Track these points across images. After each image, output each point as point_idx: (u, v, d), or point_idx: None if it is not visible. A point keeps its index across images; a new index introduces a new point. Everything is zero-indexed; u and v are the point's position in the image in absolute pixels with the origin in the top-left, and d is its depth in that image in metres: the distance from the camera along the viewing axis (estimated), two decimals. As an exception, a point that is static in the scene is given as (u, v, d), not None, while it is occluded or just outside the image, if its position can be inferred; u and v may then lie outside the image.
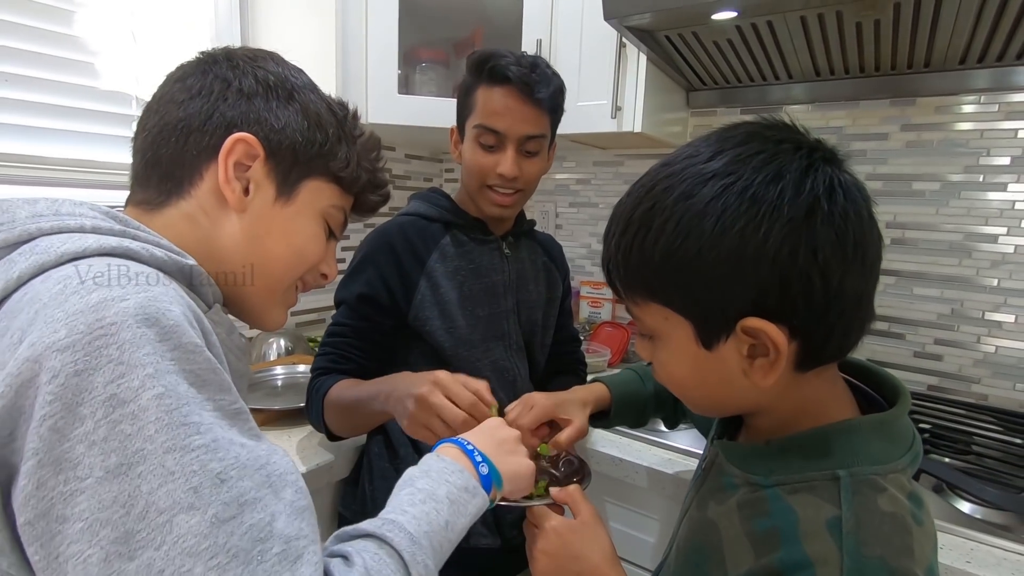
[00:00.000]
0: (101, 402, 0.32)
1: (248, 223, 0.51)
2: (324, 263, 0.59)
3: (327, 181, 0.55)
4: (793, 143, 0.42)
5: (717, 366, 0.44)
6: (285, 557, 0.35)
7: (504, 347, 0.92)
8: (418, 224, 0.91)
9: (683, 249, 0.41)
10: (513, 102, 0.82)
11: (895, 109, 1.21)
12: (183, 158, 0.49)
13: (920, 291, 1.22)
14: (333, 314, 0.90)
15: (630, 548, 0.97)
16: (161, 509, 0.32)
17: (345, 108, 0.58)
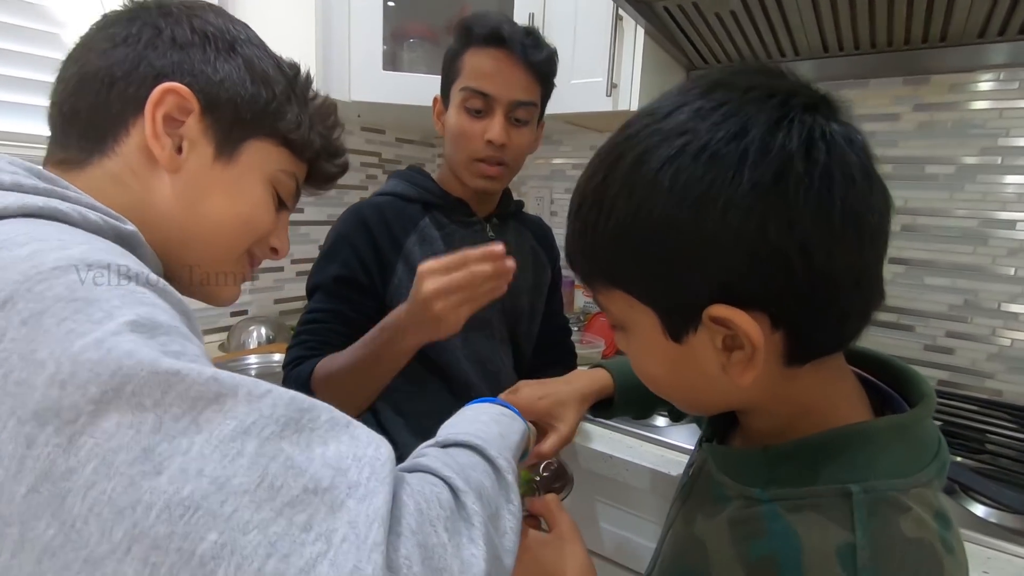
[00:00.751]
0: (57, 340, 0.27)
1: (184, 185, 0.45)
2: (274, 235, 0.53)
3: (275, 143, 0.50)
4: (765, 90, 0.34)
5: (690, 360, 0.37)
6: (335, 423, 0.31)
7: (486, 337, 0.86)
8: (396, 205, 0.85)
9: (636, 227, 0.35)
10: (505, 64, 0.77)
11: (907, 88, 1.15)
12: (106, 111, 0.43)
13: (931, 281, 1.15)
14: (308, 301, 0.83)
15: (623, 551, 0.91)
16: (176, 415, 0.27)
17: (296, 68, 0.53)
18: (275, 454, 0.28)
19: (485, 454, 0.42)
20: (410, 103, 1.27)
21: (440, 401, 0.81)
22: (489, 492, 0.39)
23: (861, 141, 0.34)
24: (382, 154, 1.74)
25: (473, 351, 0.83)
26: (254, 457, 0.27)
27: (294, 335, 0.80)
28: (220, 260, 0.50)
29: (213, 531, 0.26)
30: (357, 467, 0.30)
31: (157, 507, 0.25)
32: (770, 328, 0.34)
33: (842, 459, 0.36)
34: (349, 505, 0.28)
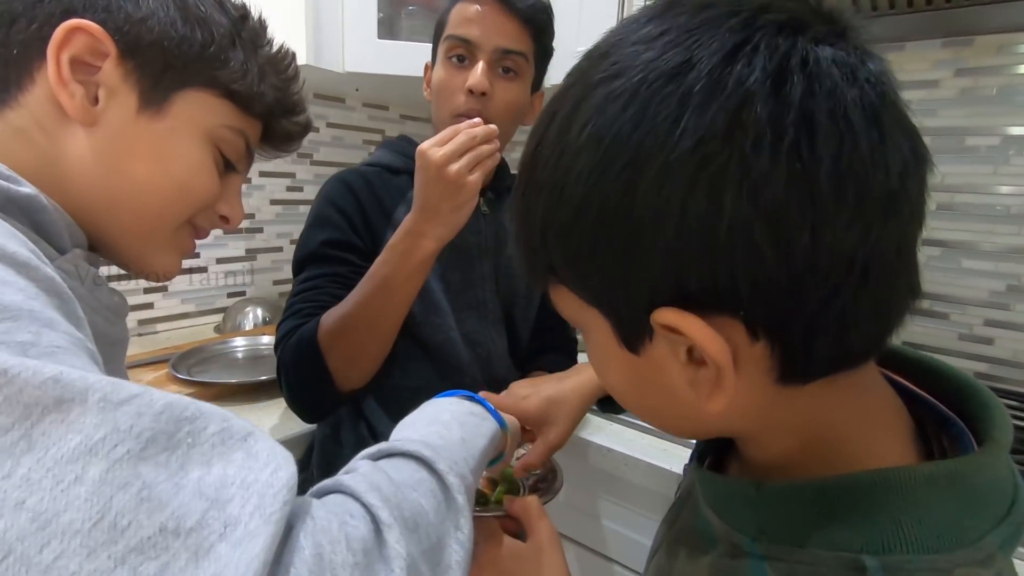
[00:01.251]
0: None
1: (102, 140, 0.40)
2: (223, 201, 0.48)
3: (215, 94, 0.44)
4: (727, 6, 0.25)
5: (652, 375, 0.29)
6: (228, 435, 0.25)
7: (479, 318, 0.80)
8: (383, 176, 0.80)
9: (562, 208, 0.27)
10: (489, 9, 0.72)
11: (948, 51, 1.04)
12: (6, 55, 0.38)
13: (970, 264, 1.05)
14: (295, 280, 0.76)
15: (623, 549, 0.85)
16: (5, 427, 0.22)
17: (245, 9, 0.47)
18: (127, 481, 0.22)
19: (433, 468, 0.35)
20: (409, 74, 1.20)
21: (426, 385, 0.76)
22: (430, 519, 0.32)
23: (874, 72, 0.24)
24: (385, 131, 1.68)
25: (465, 332, 0.78)
26: (97, 485, 0.21)
27: (284, 310, 0.73)
28: (153, 229, 0.44)
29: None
30: (242, 497, 0.23)
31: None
32: (747, 337, 0.25)
33: (859, 516, 0.26)
34: (219, 551, 0.22)
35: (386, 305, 0.65)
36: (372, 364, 0.69)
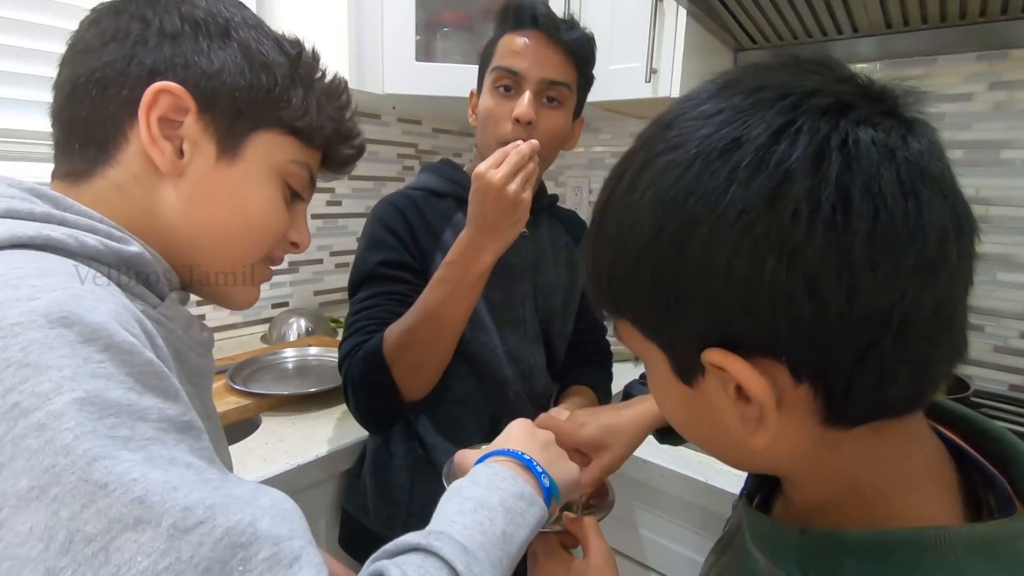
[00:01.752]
0: (1, 415, 0.26)
1: (187, 189, 0.43)
2: (293, 229, 0.51)
3: (281, 133, 0.47)
4: (780, 88, 0.27)
5: (705, 409, 0.32)
6: (277, 561, 0.28)
7: (520, 335, 0.84)
8: (429, 199, 0.84)
9: (624, 256, 0.31)
10: (535, 43, 0.76)
11: (982, 64, 1.04)
12: (102, 117, 0.41)
13: (1005, 277, 1.05)
14: (351, 303, 0.80)
15: (660, 558, 0.89)
16: (89, 536, 0.25)
17: (299, 46, 0.49)
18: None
19: (455, 569, 0.35)
20: (445, 94, 1.25)
21: (471, 399, 0.80)
22: None
23: (914, 151, 0.26)
24: (419, 145, 1.73)
25: (508, 348, 0.82)
26: None
27: (345, 328, 0.77)
28: (235, 265, 0.48)
29: None
30: None
31: None
32: (791, 380, 0.28)
33: (896, 573, 0.28)
34: None
35: (448, 316, 0.69)
36: (435, 374, 0.73)
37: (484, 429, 0.80)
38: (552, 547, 0.50)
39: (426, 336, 0.69)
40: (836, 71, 0.28)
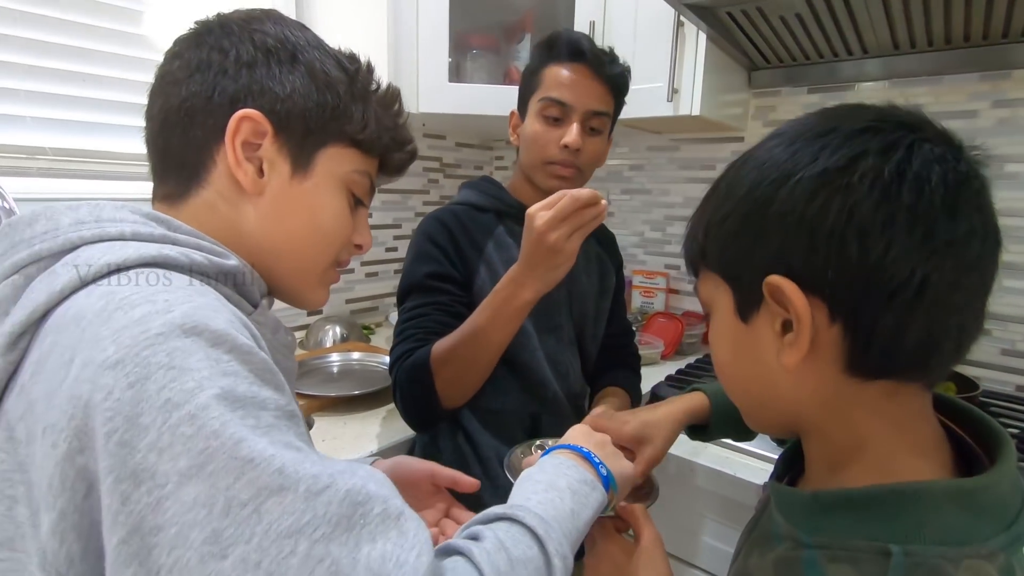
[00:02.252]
0: (158, 409, 0.31)
1: (267, 204, 0.48)
2: (356, 233, 0.55)
3: (345, 146, 0.50)
4: (871, 111, 0.36)
5: (752, 343, 0.39)
6: (387, 515, 0.34)
7: (556, 339, 0.90)
8: (470, 213, 0.90)
9: (726, 206, 0.39)
10: (582, 77, 0.83)
11: (986, 84, 1.11)
12: (192, 144, 0.46)
13: (1012, 283, 1.11)
14: (399, 310, 0.87)
15: (685, 547, 0.94)
16: (243, 501, 0.31)
17: (356, 61, 0.53)
18: (323, 557, 0.31)
19: (544, 547, 0.41)
20: (474, 112, 1.32)
21: (513, 399, 0.86)
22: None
23: (962, 168, 0.33)
24: (443, 158, 1.80)
25: (546, 352, 0.88)
26: (304, 558, 0.31)
27: (396, 335, 0.83)
28: (308, 270, 0.52)
29: None
30: (396, 574, 0.32)
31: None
32: (827, 318, 0.35)
33: (889, 517, 0.34)
34: None
35: (487, 341, 0.75)
36: (473, 388, 0.80)
37: (525, 426, 0.86)
38: (608, 531, 0.56)
39: (467, 355, 0.76)
40: (917, 115, 0.36)
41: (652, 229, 1.62)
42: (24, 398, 0.34)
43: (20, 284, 0.38)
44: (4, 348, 0.35)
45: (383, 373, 1.14)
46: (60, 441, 0.31)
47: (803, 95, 1.33)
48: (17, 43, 1.01)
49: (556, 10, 1.33)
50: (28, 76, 1.02)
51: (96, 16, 1.09)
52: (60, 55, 1.05)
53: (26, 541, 0.33)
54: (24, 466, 0.34)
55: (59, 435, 0.31)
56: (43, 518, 0.32)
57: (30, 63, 1.02)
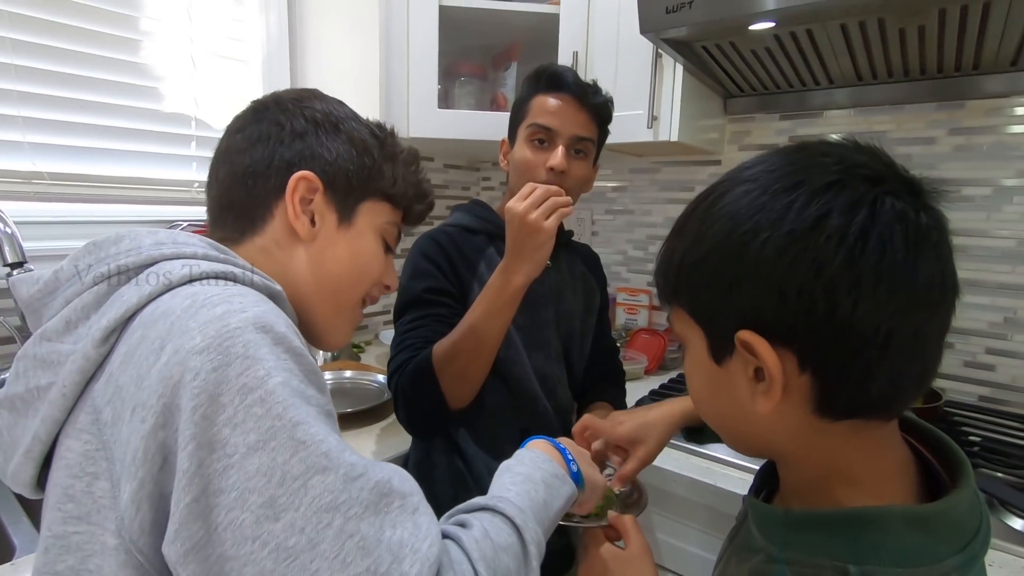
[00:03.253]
0: (236, 390, 0.36)
1: (316, 250, 0.55)
2: (386, 275, 0.63)
3: (379, 200, 0.59)
4: (837, 157, 0.38)
5: (727, 385, 0.41)
6: (405, 509, 0.40)
7: (545, 355, 0.94)
8: (463, 234, 0.94)
9: (697, 251, 0.40)
10: (566, 105, 0.88)
11: (942, 113, 1.18)
12: (254, 200, 0.54)
13: (971, 299, 1.18)
14: (397, 325, 0.90)
15: (675, 558, 0.98)
16: (295, 475, 0.36)
17: (384, 129, 0.62)
18: (353, 532, 0.36)
19: (521, 535, 0.47)
20: (462, 137, 1.37)
21: (505, 413, 0.90)
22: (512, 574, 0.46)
23: (924, 223, 0.35)
24: (431, 180, 1.84)
25: (535, 367, 0.92)
26: (338, 531, 0.36)
27: (394, 347, 0.87)
28: (341, 306, 0.59)
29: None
30: (411, 559, 0.38)
31: (270, 546, 0.35)
32: (797, 368, 0.37)
33: (852, 538, 0.37)
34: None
35: (486, 332, 0.79)
36: (476, 384, 0.83)
37: (515, 440, 0.89)
38: (600, 539, 0.60)
39: (468, 349, 0.80)
40: (881, 156, 0.39)
41: (635, 248, 1.68)
42: (112, 384, 0.40)
43: (103, 292, 0.44)
44: (98, 341, 0.40)
45: (375, 390, 1.17)
46: (148, 416, 0.36)
47: (775, 121, 1.40)
48: (16, 72, 1.03)
49: (541, 40, 1.39)
50: (26, 103, 1.05)
51: (94, 45, 1.12)
52: (58, 83, 1.08)
53: (102, 513, 0.38)
54: (107, 444, 0.38)
55: (148, 411, 0.37)
56: (124, 488, 0.37)
57: (28, 90, 1.05)
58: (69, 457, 0.40)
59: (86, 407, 0.40)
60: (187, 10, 1.24)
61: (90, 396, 0.40)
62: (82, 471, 0.39)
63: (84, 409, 0.40)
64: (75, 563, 0.38)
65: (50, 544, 0.39)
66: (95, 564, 0.38)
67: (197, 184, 1.31)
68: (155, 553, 0.37)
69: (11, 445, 0.44)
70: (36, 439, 0.41)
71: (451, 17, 1.35)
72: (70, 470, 0.39)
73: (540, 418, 0.91)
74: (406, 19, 1.30)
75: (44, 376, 0.42)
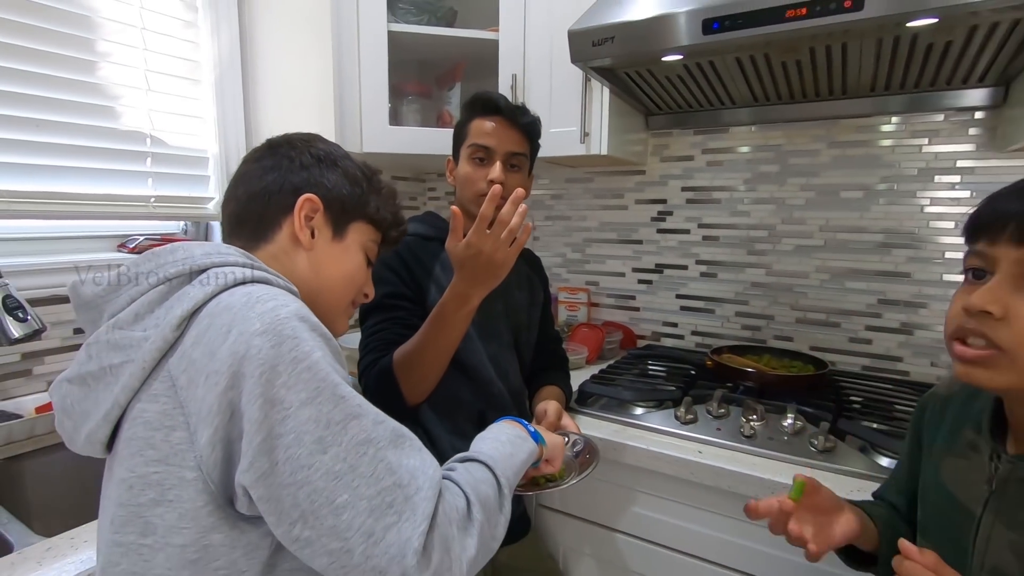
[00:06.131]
0: (289, 362, 0.47)
1: (314, 258, 0.67)
2: (367, 285, 0.75)
3: (365, 223, 0.72)
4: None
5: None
6: (414, 447, 0.54)
7: (498, 344, 1.06)
8: (418, 242, 1.06)
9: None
10: (501, 127, 1.02)
11: (822, 129, 1.41)
12: (268, 215, 0.66)
13: (851, 285, 1.41)
14: (362, 328, 1.01)
15: (624, 519, 1.12)
16: (337, 420, 0.48)
17: (371, 169, 0.75)
18: (383, 458, 0.50)
19: (494, 472, 0.62)
20: (411, 152, 1.48)
21: (463, 396, 1.01)
22: (491, 503, 0.59)
23: None
24: (380, 191, 1.93)
25: (490, 355, 1.04)
26: (372, 458, 0.49)
27: (361, 348, 0.98)
28: (337, 305, 0.71)
29: (345, 493, 0.47)
30: (423, 477, 0.51)
31: (321, 471, 0.47)
32: None
33: None
34: (415, 500, 0.50)
35: (441, 345, 0.90)
36: (431, 385, 0.94)
37: (475, 420, 1.01)
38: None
39: (425, 359, 0.91)
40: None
41: (573, 251, 1.84)
42: (186, 358, 0.50)
43: (165, 291, 0.54)
44: (175, 327, 0.51)
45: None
46: (221, 380, 0.47)
47: (690, 136, 1.60)
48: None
49: (483, 62, 1.53)
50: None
51: (50, 66, 1.15)
52: (13, 103, 1.11)
53: (180, 456, 0.48)
54: (184, 403, 0.49)
55: (220, 376, 0.47)
56: (202, 434, 0.47)
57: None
58: (147, 416, 0.49)
59: (161, 376, 0.50)
60: (141, 32, 1.29)
61: (165, 368, 0.51)
62: (161, 424, 0.49)
63: (159, 379, 0.50)
64: (156, 495, 0.48)
65: (134, 482, 0.49)
66: (175, 494, 0.48)
67: (153, 199, 1.34)
68: (222, 481, 0.48)
69: (83, 415, 0.53)
70: (116, 404, 0.51)
71: (399, 41, 1.46)
72: (149, 425, 0.49)
73: (496, 399, 1.03)
74: (356, 44, 1.39)
75: (116, 356, 0.51)
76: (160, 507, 0.49)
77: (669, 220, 1.64)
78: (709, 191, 1.57)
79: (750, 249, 1.53)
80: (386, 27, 1.40)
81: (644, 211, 1.68)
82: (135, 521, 0.49)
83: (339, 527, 0.46)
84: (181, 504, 0.48)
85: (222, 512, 0.49)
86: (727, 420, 1.09)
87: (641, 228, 1.69)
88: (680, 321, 1.66)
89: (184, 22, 1.38)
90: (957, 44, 1.00)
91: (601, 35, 1.12)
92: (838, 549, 0.67)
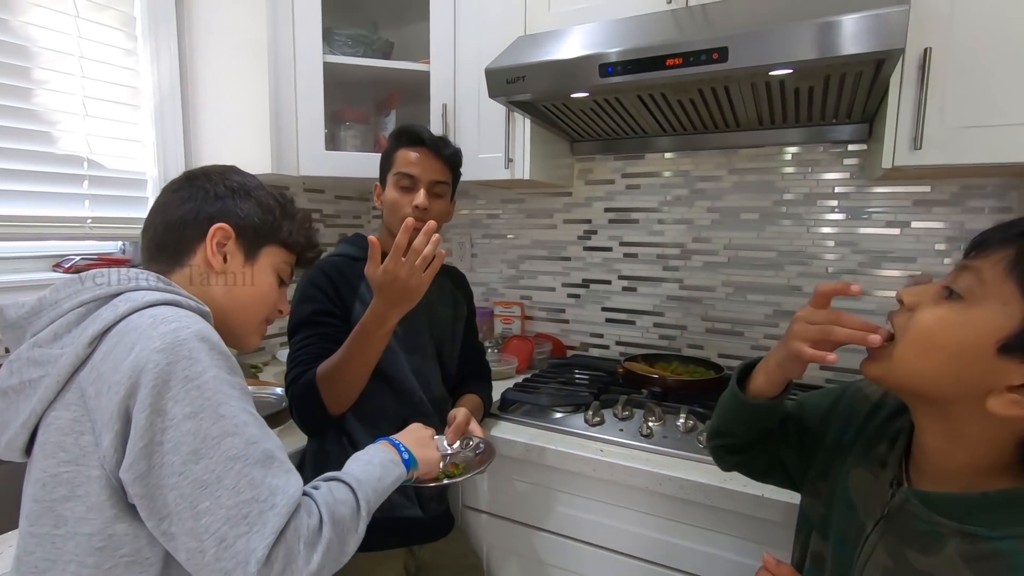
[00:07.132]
0: (181, 379, 0.54)
1: (227, 280, 0.75)
2: (280, 303, 0.83)
3: (277, 246, 0.79)
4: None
5: (983, 369, 0.43)
6: (282, 469, 0.59)
7: (420, 356, 1.15)
8: (346, 262, 1.14)
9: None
10: (424, 157, 1.11)
11: (723, 157, 1.56)
12: (184, 242, 0.73)
13: (752, 297, 1.55)
14: (291, 343, 1.07)
15: (545, 517, 1.21)
16: (214, 436, 0.54)
17: (285, 196, 0.83)
18: (247, 474, 0.55)
19: (356, 495, 0.67)
20: (348, 175, 1.56)
21: (387, 405, 1.09)
22: (346, 522, 0.63)
23: None
24: (323, 210, 2.00)
25: (412, 367, 1.12)
26: (238, 473, 0.55)
27: (288, 362, 1.04)
28: (249, 322, 0.78)
29: (208, 501, 0.53)
30: (282, 496, 0.56)
31: (190, 479, 0.53)
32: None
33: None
34: (267, 515, 0.55)
35: (361, 361, 0.98)
36: (351, 398, 1.02)
37: (398, 427, 1.08)
38: None
39: (345, 374, 0.98)
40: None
41: (508, 267, 1.94)
42: (95, 371, 0.56)
43: (82, 312, 0.61)
44: (86, 344, 0.57)
45: (275, 401, 1.32)
46: (120, 390, 0.53)
47: (611, 161, 1.73)
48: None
49: (416, 91, 1.62)
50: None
51: (-14, 94, 1.19)
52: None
53: (87, 457, 0.54)
54: (91, 411, 0.55)
55: (120, 387, 0.53)
56: (105, 437, 0.54)
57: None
58: (59, 423, 0.56)
59: (73, 388, 0.57)
60: (79, 60, 1.34)
61: (76, 380, 0.57)
62: (71, 430, 0.56)
63: (71, 390, 0.57)
64: (67, 492, 0.55)
65: (47, 481, 0.55)
66: (83, 490, 0.55)
67: (90, 220, 1.38)
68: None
69: (3, 424, 0.59)
70: (32, 414, 0.57)
71: (335, 71, 1.54)
72: (61, 431, 0.56)
73: (417, 407, 1.11)
74: (293, 74, 1.47)
75: (36, 371, 0.58)
76: (70, 502, 0.55)
77: (594, 238, 1.77)
78: (629, 212, 1.71)
79: (665, 265, 1.66)
80: (322, 59, 1.49)
81: (572, 230, 1.81)
82: (48, 515, 0.55)
83: (197, 529, 0.53)
84: (88, 498, 0.55)
85: (123, 505, 0.55)
86: (630, 422, 1.20)
87: (569, 246, 1.81)
88: (606, 332, 1.78)
89: (124, 50, 1.43)
90: (819, 89, 1.16)
91: (514, 74, 1.23)
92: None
